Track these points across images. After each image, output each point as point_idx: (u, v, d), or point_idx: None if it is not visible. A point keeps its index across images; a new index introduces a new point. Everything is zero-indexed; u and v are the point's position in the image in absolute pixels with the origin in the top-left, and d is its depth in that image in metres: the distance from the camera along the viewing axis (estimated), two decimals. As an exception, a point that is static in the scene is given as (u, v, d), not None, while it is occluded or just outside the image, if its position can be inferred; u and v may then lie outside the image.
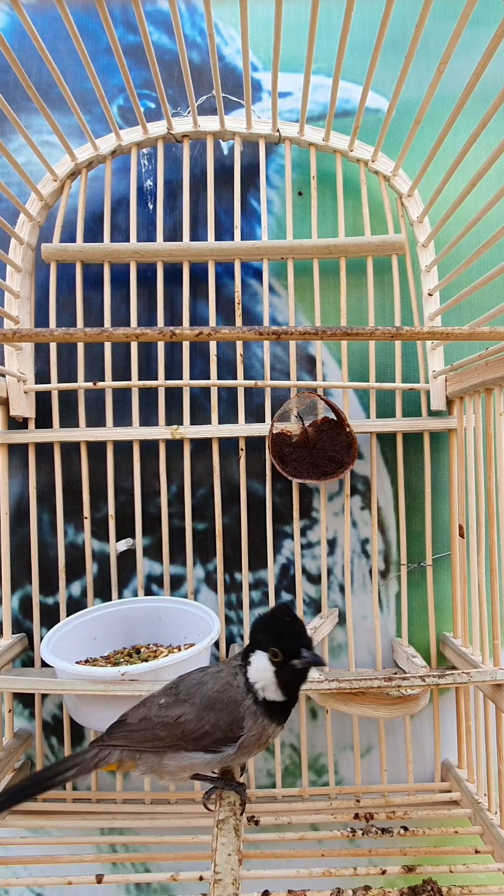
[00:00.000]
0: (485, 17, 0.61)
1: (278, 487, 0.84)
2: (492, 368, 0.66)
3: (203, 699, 0.49)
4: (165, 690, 0.53)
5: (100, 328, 0.50)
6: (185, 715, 0.49)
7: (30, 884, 0.68)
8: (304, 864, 0.66)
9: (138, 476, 0.81)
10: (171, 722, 0.49)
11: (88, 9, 0.84)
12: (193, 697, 0.49)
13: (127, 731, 0.50)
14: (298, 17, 0.82)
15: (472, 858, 0.65)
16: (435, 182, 0.73)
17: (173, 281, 0.84)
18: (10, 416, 0.80)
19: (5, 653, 0.76)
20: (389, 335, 0.52)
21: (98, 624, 0.77)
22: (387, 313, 0.84)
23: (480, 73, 0.54)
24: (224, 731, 0.47)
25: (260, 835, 0.68)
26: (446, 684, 0.65)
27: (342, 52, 0.63)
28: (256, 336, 0.50)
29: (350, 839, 0.66)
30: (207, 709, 0.48)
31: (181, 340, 0.72)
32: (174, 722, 0.49)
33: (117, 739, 0.51)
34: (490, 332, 0.52)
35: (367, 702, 0.67)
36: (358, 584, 0.84)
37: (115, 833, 0.77)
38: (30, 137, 0.72)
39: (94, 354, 0.83)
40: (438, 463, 0.83)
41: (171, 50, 0.86)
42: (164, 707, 0.50)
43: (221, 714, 0.48)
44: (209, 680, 0.50)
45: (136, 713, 0.52)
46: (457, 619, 0.79)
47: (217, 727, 0.48)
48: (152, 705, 0.51)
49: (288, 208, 0.83)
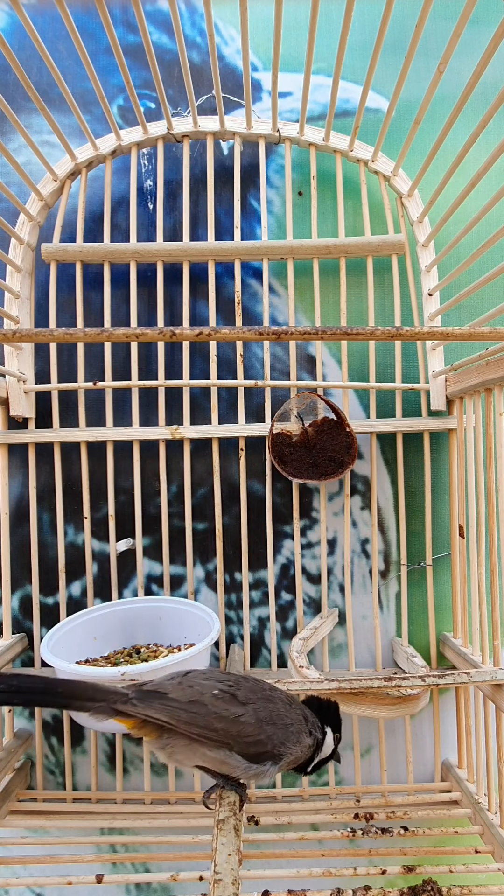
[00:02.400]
0: (485, 17, 0.61)
1: (278, 487, 0.84)
2: (492, 368, 0.66)
3: (269, 713, 0.50)
4: (217, 679, 0.52)
5: (100, 328, 0.50)
6: (245, 717, 0.49)
7: (30, 884, 0.68)
8: (304, 864, 0.66)
9: (138, 476, 0.81)
10: (230, 718, 0.48)
11: (88, 9, 0.84)
12: (256, 705, 0.50)
13: (171, 707, 0.48)
14: (298, 17, 0.82)
15: (472, 858, 0.65)
16: (435, 182, 0.73)
17: (173, 281, 0.84)
18: (10, 416, 0.80)
19: (5, 653, 0.76)
20: (389, 335, 0.52)
21: (98, 624, 0.77)
22: (387, 313, 0.84)
23: (480, 73, 0.54)
24: (274, 748, 0.49)
25: (260, 835, 0.68)
26: (446, 684, 0.65)
27: (342, 52, 0.63)
28: (256, 336, 0.50)
29: (350, 839, 0.66)
30: (270, 723, 0.50)
31: (181, 340, 0.72)
32: (233, 719, 0.48)
33: (156, 710, 0.48)
34: (490, 332, 0.52)
35: (367, 702, 0.67)
36: (358, 584, 0.84)
37: (115, 833, 0.77)
38: (30, 137, 0.72)
39: (94, 354, 0.83)
40: (438, 463, 0.83)
41: (171, 50, 0.86)
42: (220, 700, 0.49)
43: (279, 731, 0.50)
44: (279, 701, 0.52)
45: (180, 692, 0.50)
46: (457, 619, 0.79)
47: (271, 741, 0.49)
48: (204, 692, 0.50)
49: (288, 208, 0.83)
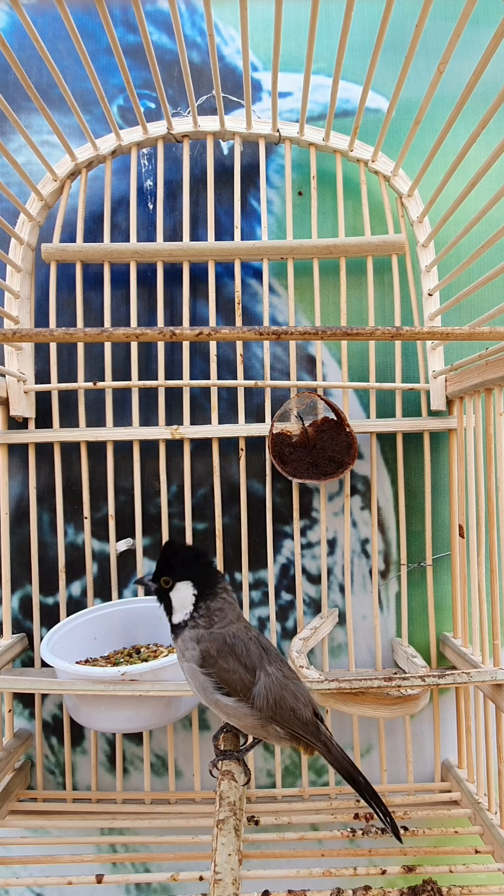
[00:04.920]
0: (485, 17, 0.61)
1: (278, 487, 0.84)
2: (492, 368, 0.66)
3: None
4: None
5: (100, 328, 0.50)
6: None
7: (30, 884, 0.68)
8: (304, 864, 0.66)
9: (138, 476, 0.81)
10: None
11: (88, 9, 0.84)
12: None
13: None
14: (298, 17, 0.82)
15: (472, 858, 0.65)
16: (435, 182, 0.73)
17: (173, 281, 0.84)
18: (10, 416, 0.80)
19: (5, 653, 0.76)
20: (389, 335, 0.52)
21: (98, 624, 0.77)
22: (387, 313, 0.84)
23: (480, 73, 0.54)
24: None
25: (260, 835, 0.68)
26: (446, 684, 0.65)
27: (342, 52, 0.63)
28: (256, 336, 0.50)
29: (350, 839, 0.66)
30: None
31: (181, 340, 0.72)
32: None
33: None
34: (490, 332, 0.52)
35: (367, 702, 0.67)
36: (358, 584, 0.84)
37: (115, 833, 0.77)
38: (30, 137, 0.72)
39: (94, 354, 0.83)
40: (438, 463, 0.83)
41: (171, 50, 0.86)
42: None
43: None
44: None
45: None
46: (457, 619, 0.79)
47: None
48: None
49: (288, 208, 0.83)
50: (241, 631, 0.53)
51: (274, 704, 0.51)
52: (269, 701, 0.51)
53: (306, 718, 0.52)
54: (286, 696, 0.52)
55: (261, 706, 0.51)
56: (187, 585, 0.53)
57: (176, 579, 0.53)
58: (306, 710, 0.52)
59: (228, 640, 0.51)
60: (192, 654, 0.52)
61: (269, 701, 0.51)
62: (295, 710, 0.52)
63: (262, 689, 0.51)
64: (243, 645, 0.52)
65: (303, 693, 0.53)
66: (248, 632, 0.54)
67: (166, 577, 0.53)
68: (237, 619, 0.54)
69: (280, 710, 0.51)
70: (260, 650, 0.53)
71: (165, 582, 0.53)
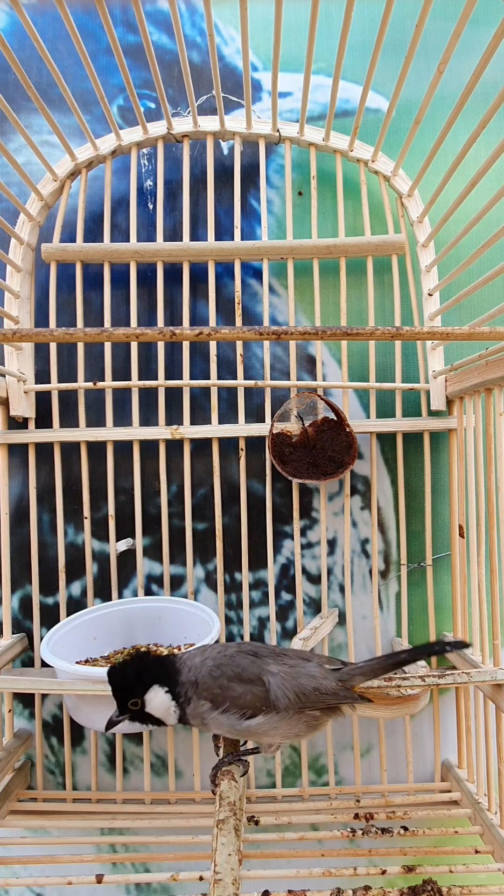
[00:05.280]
0: (485, 17, 0.61)
1: (278, 487, 0.84)
2: (492, 368, 0.66)
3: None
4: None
5: (100, 328, 0.50)
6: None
7: (30, 884, 0.68)
8: (304, 864, 0.66)
9: (138, 476, 0.81)
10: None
11: (88, 9, 0.84)
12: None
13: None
14: (298, 17, 0.82)
15: (472, 858, 0.65)
16: (435, 182, 0.73)
17: (173, 281, 0.84)
18: (10, 416, 0.80)
19: (5, 653, 0.76)
20: (389, 335, 0.52)
21: (98, 624, 0.77)
22: (387, 313, 0.84)
23: (480, 73, 0.54)
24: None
25: (260, 835, 0.68)
26: (446, 684, 0.65)
27: (342, 52, 0.63)
28: (256, 336, 0.50)
29: (350, 839, 0.66)
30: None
31: (181, 340, 0.72)
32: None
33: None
34: (490, 332, 0.52)
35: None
36: (358, 584, 0.84)
37: (115, 833, 0.77)
38: (30, 137, 0.72)
39: (94, 354, 0.83)
40: (438, 463, 0.83)
41: (171, 50, 0.86)
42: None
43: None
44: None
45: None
46: (457, 619, 0.79)
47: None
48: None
49: (288, 208, 0.83)
50: (219, 656, 0.52)
51: (295, 696, 0.51)
52: (290, 696, 0.50)
53: (332, 689, 0.52)
54: (303, 682, 0.52)
55: (286, 705, 0.50)
56: (153, 690, 0.51)
57: (141, 694, 0.50)
58: (328, 682, 0.52)
59: (216, 672, 0.51)
60: (205, 707, 0.50)
61: (290, 696, 0.50)
62: (318, 688, 0.52)
63: (277, 690, 0.51)
64: (232, 664, 0.51)
65: (316, 670, 0.53)
66: (226, 650, 0.54)
67: (132, 700, 0.50)
68: (206, 651, 0.54)
69: (304, 696, 0.51)
70: (250, 657, 0.53)
71: (134, 704, 0.50)
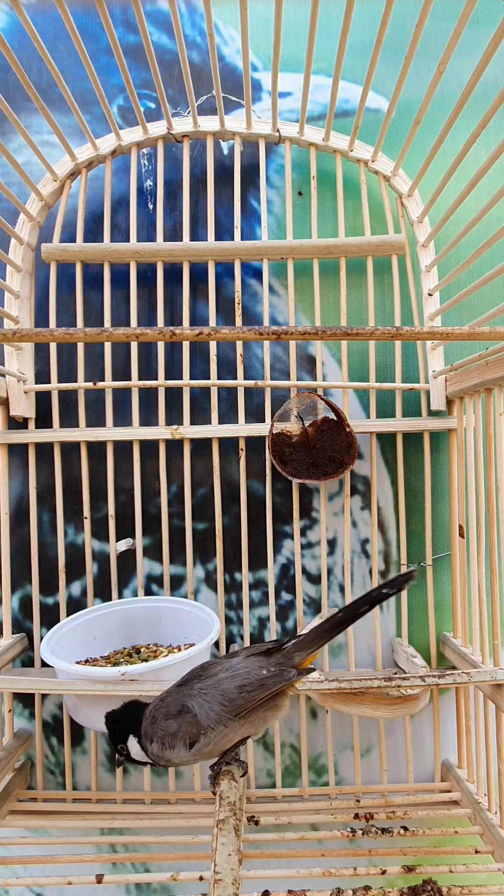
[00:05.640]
0: (485, 17, 0.61)
1: (278, 487, 0.84)
2: (492, 368, 0.66)
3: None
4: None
5: (100, 328, 0.50)
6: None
7: (30, 884, 0.68)
8: (304, 864, 0.66)
9: (138, 476, 0.81)
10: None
11: (88, 9, 0.84)
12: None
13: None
14: (298, 17, 0.82)
15: (472, 858, 0.65)
16: (435, 182, 0.73)
17: (173, 281, 0.84)
18: (10, 416, 0.80)
19: (5, 653, 0.76)
20: (389, 335, 0.52)
21: (98, 624, 0.77)
22: (387, 313, 0.84)
23: (480, 73, 0.54)
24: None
25: (260, 835, 0.68)
26: (446, 684, 0.65)
27: (342, 52, 0.63)
28: (256, 336, 0.50)
29: (350, 839, 0.66)
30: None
31: (181, 340, 0.72)
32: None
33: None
34: (490, 332, 0.52)
35: (367, 702, 0.67)
36: (358, 584, 0.84)
37: (115, 833, 0.77)
38: (30, 137, 0.72)
39: (94, 354, 0.83)
40: (438, 463, 0.83)
41: (171, 50, 0.86)
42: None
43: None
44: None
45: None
46: (457, 619, 0.79)
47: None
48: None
49: (288, 208, 0.83)
50: (161, 696, 0.56)
51: (221, 706, 0.51)
52: (216, 709, 0.51)
53: (262, 678, 0.52)
54: (225, 687, 0.52)
55: (216, 719, 0.51)
56: (130, 739, 0.56)
57: (124, 742, 0.56)
58: (254, 673, 0.52)
59: (155, 714, 0.54)
60: (157, 748, 0.54)
61: (216, 709, 0.51)
62: (244, 685, 0.52)
63: (200, 710, 0.51)
64: (164, 704, 0.54)
65: (240, 665, 0.54)
66: (170, 687, 0.56)
67: (120, 746, 0.57)
68: (163, 693, 0.57)
69: (231, 701, 0.51)
70: (177, 688, 0.55)
71: (122, 750, 0.56)
